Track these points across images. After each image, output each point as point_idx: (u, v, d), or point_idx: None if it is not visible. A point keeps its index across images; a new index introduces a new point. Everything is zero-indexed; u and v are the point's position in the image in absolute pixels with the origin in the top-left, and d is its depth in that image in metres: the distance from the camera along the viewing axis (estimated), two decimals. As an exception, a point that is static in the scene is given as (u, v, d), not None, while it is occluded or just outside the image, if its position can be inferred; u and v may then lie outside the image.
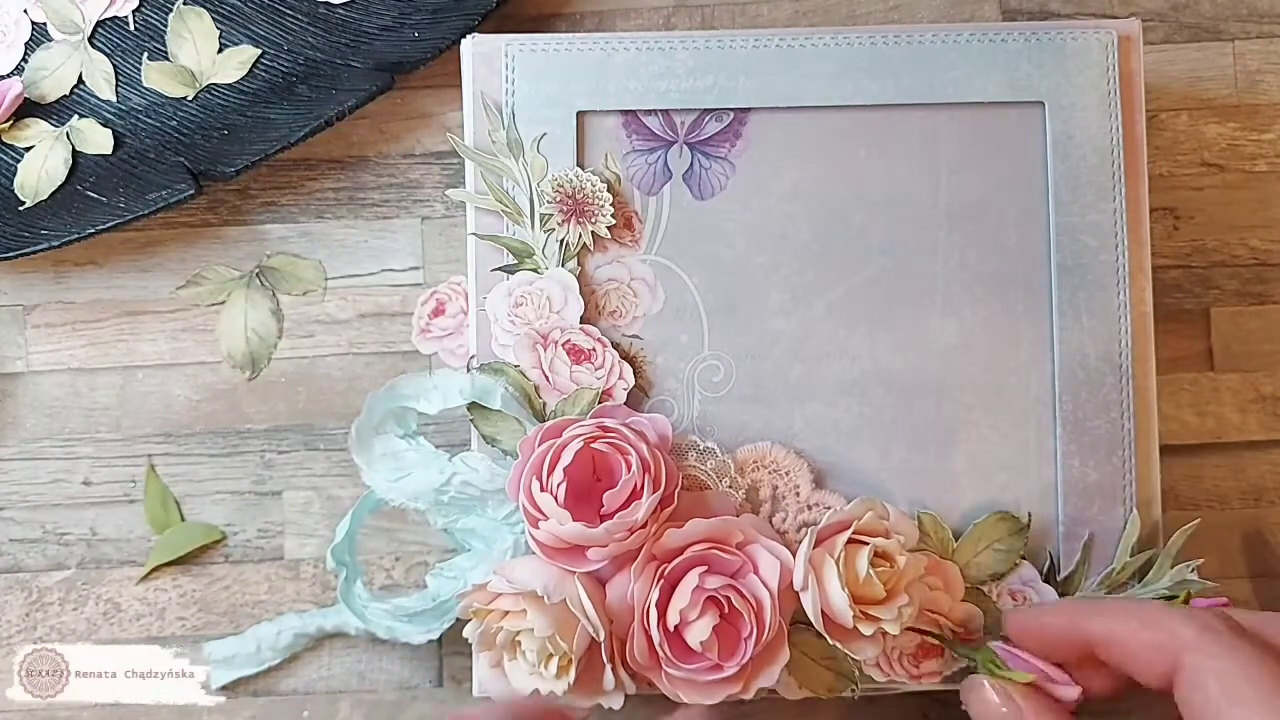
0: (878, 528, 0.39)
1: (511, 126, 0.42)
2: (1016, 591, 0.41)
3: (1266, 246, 0.46)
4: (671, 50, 0.42)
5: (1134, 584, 0.41)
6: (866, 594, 0.38)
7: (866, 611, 0.38)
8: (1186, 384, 0.46)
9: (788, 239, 0.42)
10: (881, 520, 0.39)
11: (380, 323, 0.46)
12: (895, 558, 0.38)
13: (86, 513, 0.46)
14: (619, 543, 0.38)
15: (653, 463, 0.38)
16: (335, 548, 0.42)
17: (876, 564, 0.38)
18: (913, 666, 0.40)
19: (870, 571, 0.38)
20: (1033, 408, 0.42)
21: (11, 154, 0.46)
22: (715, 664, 0.38)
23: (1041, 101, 0.42)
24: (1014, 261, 0.42)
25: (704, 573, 0.38)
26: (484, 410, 0.41)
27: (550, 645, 0.37)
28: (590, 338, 0.41)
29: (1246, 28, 0.47)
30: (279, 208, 0.47)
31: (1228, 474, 0.46)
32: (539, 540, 0.38)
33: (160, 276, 0.47)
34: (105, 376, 0.46)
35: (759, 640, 0.38)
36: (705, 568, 0.38)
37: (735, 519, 0.40)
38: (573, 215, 0.42)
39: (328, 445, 0.46)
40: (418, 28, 0.46)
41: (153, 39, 0.47)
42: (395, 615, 0.42)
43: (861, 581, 0.38)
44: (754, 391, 0.42)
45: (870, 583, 0.38)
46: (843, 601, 0.37)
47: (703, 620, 0.37)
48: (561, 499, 0.38)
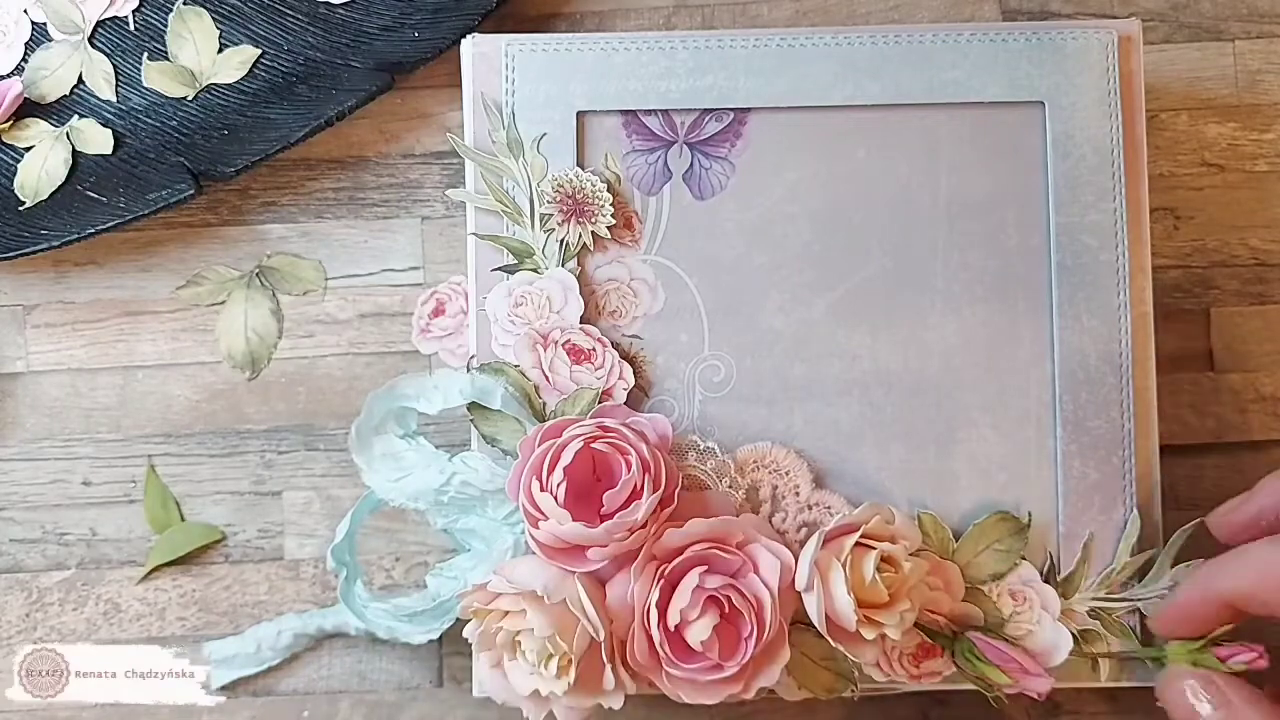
0: (884, 532, 0.39)
1: (511, 126, 0.42)
2: (1016, 591, 0.41)
3: (1266, 246, 0.46)
4: (671, 50, 0.42)
5: (1134, 584, 0.41)
6: (870, 598, 0.38)
7: (870, 616, 0.38)
8: (1186, 384, 0.46)
9: (788, 239, 0.42)
10: (888, 525, 0.39)
11: (380, 323, 0.46)
12: (901, 563, 0.38)
13: (86, 513, 0.46)
14: (619, 543, 0.38)
15: (653, 463, 0.38)
16: (335, 548, 0.42)
17: (882, 569, 0.38)
18: (913, 666, 0.40)
19: (876, 576, 0.38)
20: (1033, 408, 0.42)
21: (11, 154, 0.46)
22: (716, 664, 0.38)
23: (1041, 101, 0.42)
24: (1014, 261, 0.42)
25: (704, 572, 0.38)
26: (484, 410, 0.41)
27: (550, 645, 0.37)
28: (590, 338, 0.41)
29: (1246, 28, 0.47)
30: (279, 208, 0.47)
31: (1228, 474, 0.46)
32: (539, 540, 0.38)
33: (160, 276, 0.47)
34: (105, 376, 0.46)
35: (759, 640, 0.38)
36: (705, 567, 0.38)
37: (735, 519, 0.40)
38: (573, 215, 0.42)
39: (328, 445, 0.46)
40: (418, 28, 0.46)
41: (153, 39, 0.47)
42: (395, 615, 0.42)
43: (867, 585, 0.38)
44: (754, 391, 0.42)
45: (875, 587, 0.38)
46: (847, 605, 0.37)
47: (703, 620, 0.37)
48: (561, 499, 0.38)
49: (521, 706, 0.39)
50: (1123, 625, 0.41)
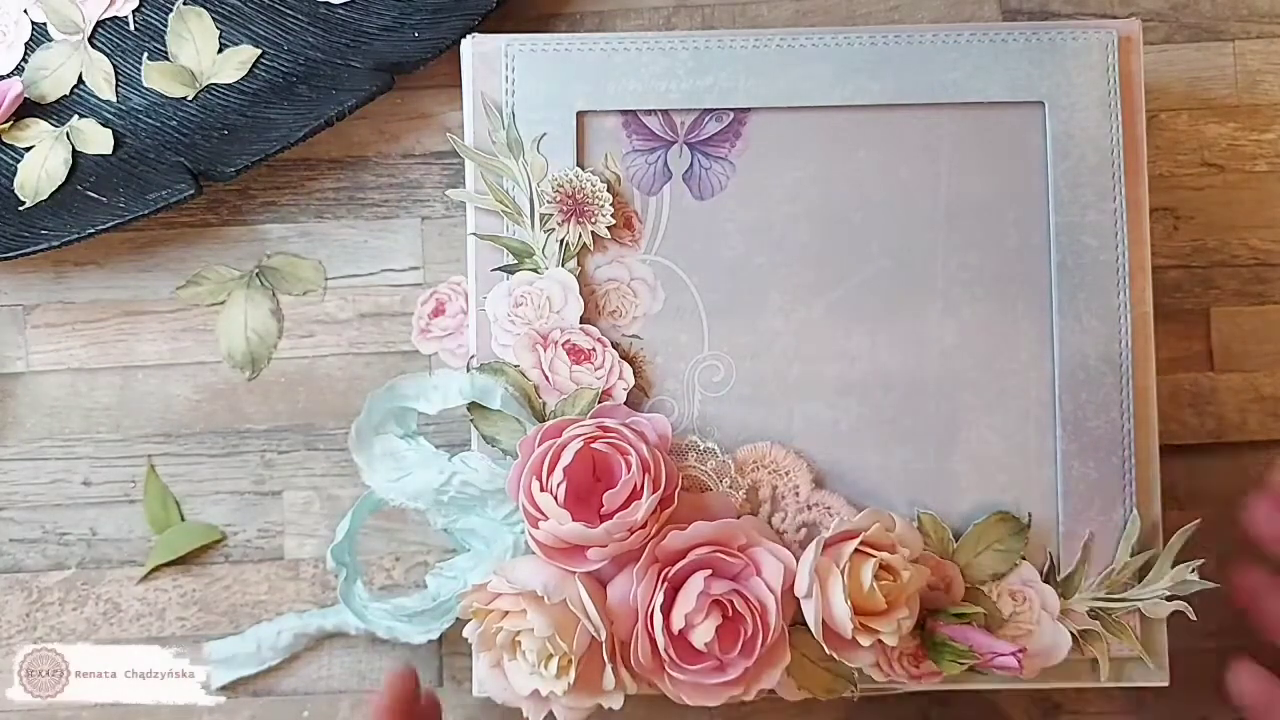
0: (884, 540, 0.39)
1: (511, 126, 0.42)
2: (1016, 591, 0.41)
3: (1266, 246, 0.46)
4: (671, 50, 0.42)
5: (1134, 584, 0.41)
6: (868, 605, 0.38)
7: (866, 624, 0.38)
8: (1186, 384, 0.46)
9: (788, 239, 0.42)
10: (888, 532, 0.39)
11: (380, 323, 0.46)
12: (900, 571, 0.38)
13: (86, 513, 0.46)
14: (619, 543, 0.38)
15: (653, 463, 0.38)
16: (335, 548, 0.42)
17: (881, 577, 0.38)
18: (912, 666, 0.40)
19: (874, 585, 0.38)
20: (1033, 408, 0.42)
21: (11, 154, 0.46)
22: (719, 666, 0.38)
23: (1041, 101, 0.42)
24: (1014, 261, 0.42)
25: (709, 576, 0.38)
26: (484, 410, 0.41)
27: (550, 645, 0.37)
28: (590, 338, 0.41)
29: (1246, 28, 0.47)
30: (279, 208, 0.47)
31: (1228, 474, 0.46)
32: (539, 540, 0.38)
33: (160, 276, 0.47)
34: (105, 376, 0.46)
35: (764, 643, 0.38)
36: (710, 571, 0.38)
37: (737, 521, 0.40)
38: (573, 215, 0.42)
39: (328, 445, 0.46)
40: (418, 28, 0.46)
41: (153, 39, 0.47)
42: (395, 615, 0.42)
43: (865, 593, 0.38)
44: (754, 391, 0.42)
45: (873, 595, 0.38)
46: (844, 613, 0.37)
47: (707, 623, 0.37)
48: (561, 499, 0.38)
49: (521, 706, 0.39)
50: (1123, 625, 0.41)
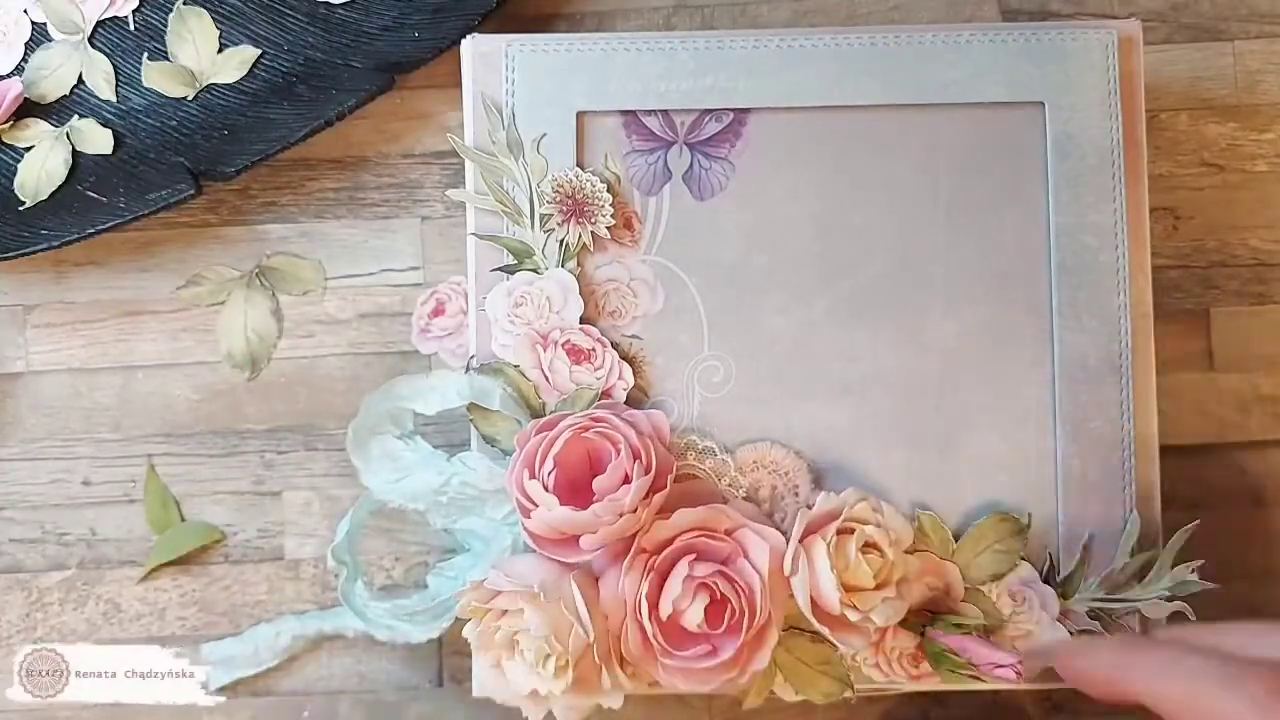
0: (869, 517, 0.39)
1: (511, 126, 0.42)
2: (1016, 592, 0.41)
3: (1267, 246, 0.46)
4: (671, 50, 0.42)
5: (1134, 584, 0.41)
6: (856, 581, 0.38)
7: (854, 601, 0.38)
8: (1186, 384, 0.46)
9: (788, 239, 0.42)
10: (874, 512, 0.39)
11: (380, 323, 0.46)
12: (883, 547, 0.39)
13: (86, 513, 0.46)
14: (608, 527, 0.37)
15: (642, 449, 0.38)
16: (335, 548, 0.42)
17: (866, 551, 0.38)
18: (912, 667, 0.40)
19: (860, 558, 0.38)
20: (1033, 408, 0.42)
21: (11, 154, 0.46)
22: (710, 650, 0.38)
23: (1041, 101, 0.42)
24: (1014, 261, 0.42)
25: (693, 560, 0.38)
26: (483, 411, 0.41)
27: (547, 645, 0.37)
28: (590, 338, 0.41)
29: (1246, 28, 0.47)
30: (279, 208, 0.47)
31: (1228, 474, 0.46)
32: (531, 531, 0.38)
33: (160, 276, 0.47)
34: (105, 376, 0.46)
35: (750, 624, 0.38)
36: (694, 555, 0.38)
37: (722, 505, 0.40)
38: (572, 215, 0.42)
39: (328, 445, 0.46)
40: (418, 28, 0.46)
41: (153, 39, 0.47)
42: (395, 615, 0.42)
43: (851, 567, 0.38)
44: (754, 391, 0.42)
45: (860, 570, 0.38)
46: (831, 585, 0.38)
47: (694, 606, 0.37)
48: (550, 485, 0.38)
49: (521, 706, 0.39)
50: (1122, 625, 0.41)
